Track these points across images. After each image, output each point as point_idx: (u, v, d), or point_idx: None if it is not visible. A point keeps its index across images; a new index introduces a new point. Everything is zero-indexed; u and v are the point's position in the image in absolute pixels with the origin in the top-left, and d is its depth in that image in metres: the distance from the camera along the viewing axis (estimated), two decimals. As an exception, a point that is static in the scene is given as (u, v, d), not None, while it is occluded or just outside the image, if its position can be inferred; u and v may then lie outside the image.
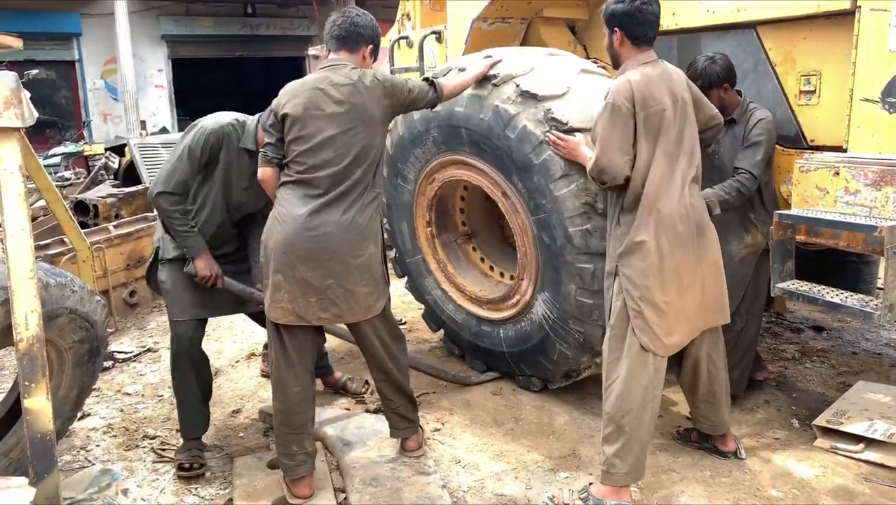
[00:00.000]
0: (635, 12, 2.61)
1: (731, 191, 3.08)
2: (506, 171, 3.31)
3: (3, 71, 2.00)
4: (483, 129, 3.31)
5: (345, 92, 2.60)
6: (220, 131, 2.92)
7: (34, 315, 2.03)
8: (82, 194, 8.46)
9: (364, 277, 2.65)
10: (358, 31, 2.73)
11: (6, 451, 2.66)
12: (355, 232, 2.61)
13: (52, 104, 14.92)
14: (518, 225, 3.37)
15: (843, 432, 3.08)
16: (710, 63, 3.18)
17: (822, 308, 4.23)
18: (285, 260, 2.57)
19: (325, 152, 2.58)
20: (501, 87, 3.23)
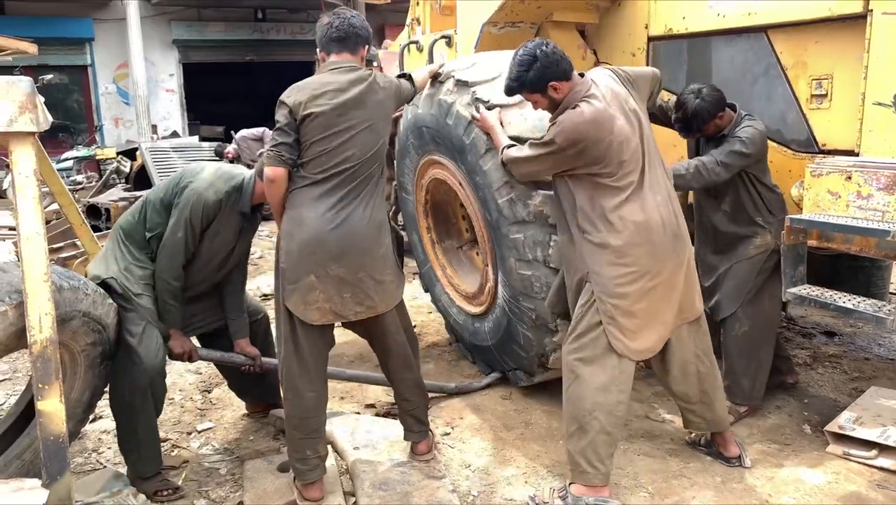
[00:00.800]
0: (552, 56, 2.63)
1: (690, 168, 3.09)
2: (454, 157, 3.50)
3: (19, 76, 2.02)
4: (434, 124, 3.55)
5: (364, 92, 2.65)
6: (218, 203, 2.88)
7: (48, 318, 2.04)
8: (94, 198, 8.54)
9: (388, 267, 2.73)
10: (356, 31, 2.74)
11: (19, 452, 2.67)
12: (375, 225, 2.68)
13: (64, 108, 15.05)
14: (474, 212, 3.49)
15: (855, 438, 3.06)
16: (699, 102, 3.13)
17: (834, 313, 4.21)
18: (316, 260, 2.58)
19: (348, 151, 2.62)
20: (445, 83, 3.47)
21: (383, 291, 2.71)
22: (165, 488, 2.83)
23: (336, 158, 2.60)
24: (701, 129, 3.21)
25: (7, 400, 3.84)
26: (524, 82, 2.67)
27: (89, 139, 14.01)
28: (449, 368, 4.10)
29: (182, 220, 2.85)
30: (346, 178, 2.62)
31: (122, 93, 15.78)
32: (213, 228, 2.94)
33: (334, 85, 2.62)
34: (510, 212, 3.15)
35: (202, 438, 3.37)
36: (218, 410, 3.65)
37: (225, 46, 16.75)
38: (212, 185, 2.88)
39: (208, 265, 3.02)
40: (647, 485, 2.88)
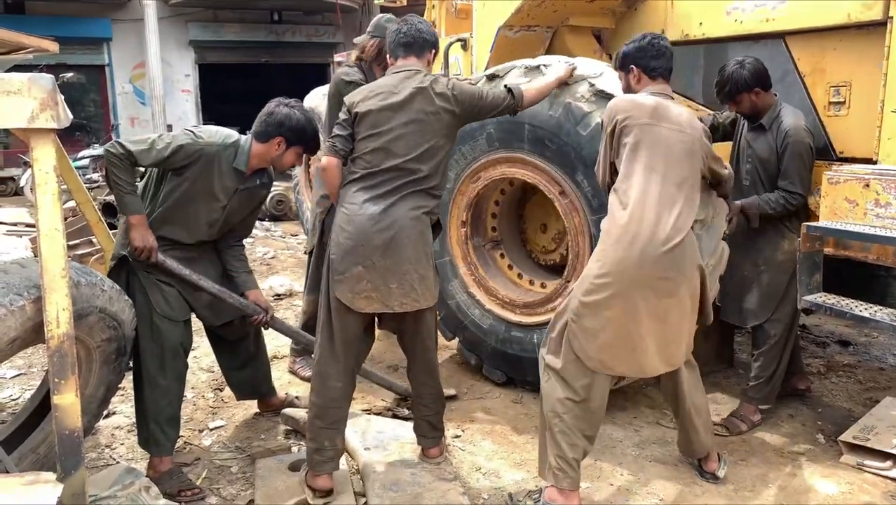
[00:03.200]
0: (648, 47, 2.74)
1: (776, 206, 3.11)
2: (571, 168, 3.30)
3: (41, 74, 2.04)
4: (551, 126, 3.31)
5: (414, 94, 2.71)
6: (211, 150, 2.87)
7: (65, 313, 2.06)
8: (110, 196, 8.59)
9: (431, 264, 2.77)
10: (423, 37, 2.84)
11: (34, 446, 2.70)
12: (420, 223, 2.72)
13: (81, 107, 15.20)
14: (574, 225, 3.36)
15: (870, 449, 3.03)
16: (738, 68, 3.16)
17: (848, 322, 4.17)
18: (363, 252, 2.66)
19: (392, 150, 2.70)
20: (573, 86, 3.25)
21: (427, 285, 2.74)
22: (188, 489, 2.84)
23: (381, 156, 2.70)
24: (733, 97, 3.19)
25: (22, 395, 3.88)
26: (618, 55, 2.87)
27: (105, 138, 14.13)
28: (459, 370, 4.10)
29: (169, 135, 2.87)
30: (391, 176, 2.69)
31: (138, 93, 15.92)
32: (197, 170, 2.88)
33: (387, 87, 2.75)
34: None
35: (214, 435, 3.39)
36: (230, 408, 3.67)
37: (241, 48, 16.86)
38: (207, 135, 2.91)
39: (195, 215, 2.97)
40: (658, 492, 2.87)
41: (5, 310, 2.17)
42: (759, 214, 3.14)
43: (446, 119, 2.74)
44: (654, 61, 2.73)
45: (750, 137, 3.28)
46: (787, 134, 3.10)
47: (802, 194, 3.11)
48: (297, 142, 3.00)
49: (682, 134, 2.59)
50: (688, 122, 2.63)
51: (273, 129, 2.96)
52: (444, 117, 2.73)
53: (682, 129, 2.59)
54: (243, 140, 3.01)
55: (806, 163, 3.11)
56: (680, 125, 2.60)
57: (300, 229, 8.07)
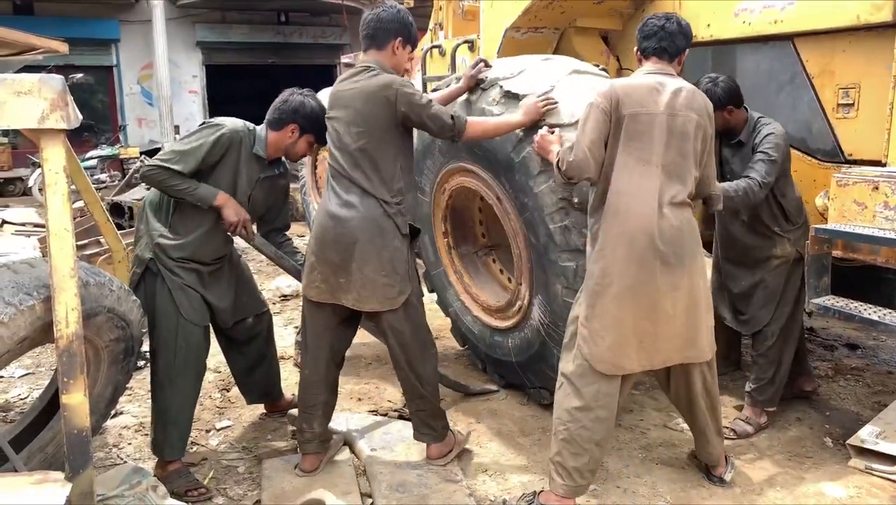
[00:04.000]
0: (642, 27, 2.72)
1: (739, 190, 3.01)
2: (495, 172, 3.32)
3: (51, 75, 2.05)
4: None
5: (350, 95, 2.76)
6: (236, 134, 2.90)
7: (74, 313, 2.07)
8: (118, 196, 8.64)
9: (386, 269, 2.74)
10: (384, 26, 2.80)
11: (42, 446, 2.71)
12: (374, 224, 2.72)
13: (89, 108, 15.26)
14: (511, 228, 3.36)
15: (878, 453, 3.01)
16: (711, 86, 3.14)
17: (856, 325, 4.15)
18: (318, 243, 2.80)
19: (338, 151, 2.78)
20: (488, 90, 3.25)
21: (372, 289, 2.74)
22: (195, 488, 2.85)
23: (332, 157, 2.81)
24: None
25: (31, 394, 3.89)
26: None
27: (113, 139, 14.19)
28: (465, 372, 4.10)
29: (194, 136, 2.86)
30: (343, 177, 2.77)
31: (146, 93, 15.99)
32: (231, 165, 2.89)
33: (337, 88, 2.84)
34: (562, 239, 3.00)
35: (221, 435, 3.39)
36: (237, 408, 3.68)
37: (248, 49, 16.92)
38: (228, 123, 2.93)
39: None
40: (665, 494, 2.86)
41: (15, 309, 2.18)
42: (721, 197, 2.94)
43: (380, 119, 2.70)
44: (644, 41, 2.69)
45: (728, 154, 3.29)
46: (765, 137, 3.10)
47: (762, 186, 3.03)
48: (310, 129, 3.01)
49: (675, 118, 2.52)
50: (689, 102, 2.56)
51: (287, 116, 2.98)
52: (378, 117, 2.70)
53: (675, 114, 2.53)
54: (258, 128, 3.02)
55: (776, 158, 3.05)
56: (677, 109, 2.53)
57: (307, 230, 8.08)
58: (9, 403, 3.81)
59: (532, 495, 2.71)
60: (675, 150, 2.53)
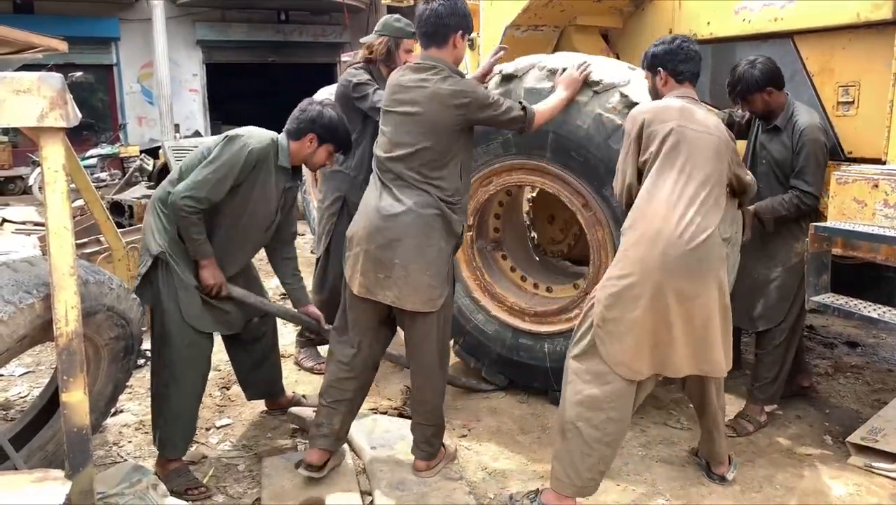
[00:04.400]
0: (678, 50, 2.71)
1: (790, 207, 3.07)
2: (598, 182, 3.17)
3: (50, 73, 2.05)
4: (578, 137, 3.16)
5: (417, 94, 2.70)
6: (264, 151, 2.87)
7: (74, 311, 2.07)
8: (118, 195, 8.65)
9: (430, 270, 2.70)
10: (444, 22, 2.73)
11: (42, 444, 2.71)
12: (422, 221, 2.68)
13: (89, 107, 15.26)
14: (597, 239, 3.27)
15: (878, 450, 3.02)
16: (748, 68, 3.14)
17: (856, 323, 4.15)
18: (363, 235, 2.74)
19: (393, 146, 2.73)
20: (603, 95, 3.10)
21: (414, 288, 2.69)
22: (195, 487, 2.85)
23: (387, 149, 2.76)
24: (745, 98, 3.17)
25: (31, 392, 3.90)
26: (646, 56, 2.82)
27: (113, 137, 14.19)
28: (464, 369, 4.09)
29: (222, 160, 2.81)
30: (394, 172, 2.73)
31: (146, 92, 15.98)
32: (255, 182, 2.88)
33: (399, 82, 2.77)
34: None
35: (221, 434, 3.40)
36: (237, 406, 3.68)
37: (248, 47, 16.91)
38: (254, 137, 2.89)
39: (252, 222, 2.98)
40: (665, 492, 2.86)
41: (15, 308, 2.19)
42: (773, 218, 3.11)
43: (444, 119, 2.67)
44: (682, 65, 2.70)
45: (764, 139, 3.26)
46: (802, 133, 3.08)
47: (816, 195, 3.07)
48: (329, 139, 3.00)
49: (708, 136, 2.56)
50: (714, 126, 2.60)
51: (306, 125, 2.96)
52: (441, 117, 2.67)
53: (708, 132, 2.56)
54: (281, 138, 3.00)
55: (820, 162, 3.08)
56: (707, 127, 2.57)
57: (307, 228, 8.09)
58: (9, 401, 3.81)
59: (535, 493, 2.70)
60: (706, 163, 2.53)
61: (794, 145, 3.11)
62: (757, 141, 3.30)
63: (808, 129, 3.07)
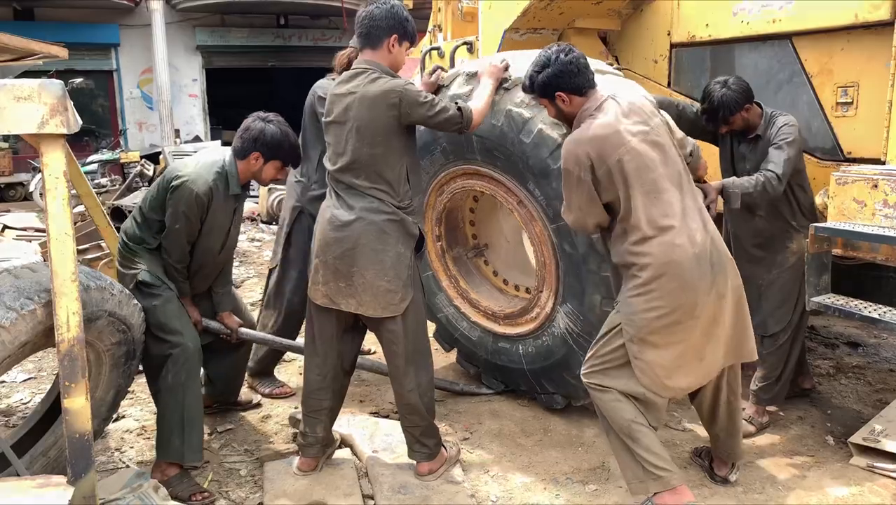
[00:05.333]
0: (565, 68, 2.56)
1: (757, 185, 2.98)
2: (521, 178, 3.20)
3: (50, 80, 2.06)
4: (496, 136, 3.18)
5: (349, 101, 2.71)
6: (209, 191, 2.93)
7: (75, 317, 2.07)
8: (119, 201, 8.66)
9: (388, 275, 2.71)
10: (377, 24, 2.73)
11: (45, 450, 2.72)
12: (376, 228, 2.69)
13: (90, 112, 15.29)
14: (536, 234, 3.28)
15: (880, 451, 3.01)
16: (725, 91, 3.10)
17: (857, 323, 4.15)
18: (321, 247, 2.78)
19: (338, 157, 2.75)
20: (513, 91, 3.10)
21: (374, 294, 2.71)
22: (198, 492, 2.85)
23: (331, 160, 2.80)
24: (727, 121, 3.15)
25: (33, 398, 3.90)
26: (534, 84, 2.65)
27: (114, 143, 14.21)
28: (464, 374, 4.09)
29: (179, 212, 2.93)
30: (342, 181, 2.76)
31: (146, 97, 16.01)
32: (210, 216, 3.00)
33: (336, 90, 2.78)
34: (605, 249, 2.80)
35: (223, 438, 3.39)
36: (238, 411, 3.68)
37: (247, 52, 16.94)
38: (199, 176, 2.94)
39: (211, 252, 3.11)
40: (666, 494, 2.86)
41: (16, 314, 2.19)
42: (739, 194, 3.00)
43: (380, 124, 2.65)
44: (577, 79, 2.56)
45: (745, 150, 3.25)
46: (781, 127, 3.09)
47: (781, 179, 3.01)
48: (273, 156, 3.04)
49: (652, 131, 2.49)
50: (649, 112, 2.55)
51: (249, 145, 3.01)
52: (377, 122, 2.65)
53: (649, 132, 2.49)
54: (227, 162, 3.02)
55: (791, 156, 3.04)
56: (644, 122, 2.50)
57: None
58: (11, 407, 3.81)
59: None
60: (670, 163, 2.50)
61: (771, 140, 3.10)
62: (735, 152, 3.30)
63: (788, 124, 3.09)
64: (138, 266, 3.01)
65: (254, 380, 3.92)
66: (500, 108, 3.14)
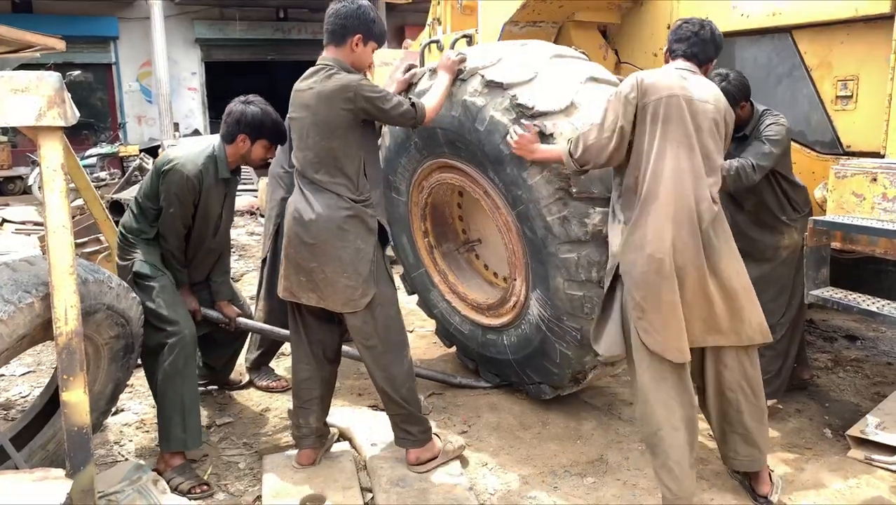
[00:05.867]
0: (676, 29, 2.74)
1: (731, 170, 3.00)
2: (482, 166, 3.23)
3: (48, 72, 2.05)
4: (455, 127, 3.21)
5: (307, 97, 2.74)
6: (199, 174, 3.00)
7: (73, 310, 2.08)
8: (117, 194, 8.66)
9: (348, 270, 2.71)
10: (342, 22, 2.76)
11: (43, 443, 2.72)
12: (334, 224, 2.70)
13: (88, 106, 15.26)
14: (502, 222, 3.29)
15: (877, 443, 3.02)
16: (725, 84, 3.09)
17: (856, 317, 4.15)
18: (286, 242, 2.81)
19: (300, 151, 2.77)
20: (468, 81, 3.15)
21: (333, 290, 2.72)
22: (198, 485, 2.86)
23: (295, 156, 2.81)
24: None
25: (32, 392, 3.90)
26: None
27: (112, 136, 14.21)
28: (462, 367, 4.10)
29: (172, 195, 3.00)
30: (304, 177, 2.78)
31: (145, 91, 15.98)
32: (203, 200, 3.06)
33: (296, 87, 2.82)
34: (562, 230, 2.93)
35: (221, 432, 3.40)
36: (237, 404, 3.68)
37: (247, 45, 16.90)
38: (189, 160, 3.01)
39: (205, 235, 3.18)
40: (664, 486, 2.86)
41: (14, 307, 2.19)
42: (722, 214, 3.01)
43: (334, 119, 2.67)
44: (675, 44, 2.72)
45: (732, 148, 3.24)
46: (769, 125, 3.09)
47: (756, 169, 3.02)
48: (259, 135, 3.10)
49: (707, 106, 2.54)
50: (714, 97, 2.59)
51: (233, 128, 3.08)
52: (332, 118, 2.67)
53: (708, 102, 2.55)
54: (216, 147, 3.09)
55: (773, 149, 3.04)
56: (705, 99, 2.55)
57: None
58: (10, 401, 3.82)
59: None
60: (707, 134, 2.53)
61: (757, 136, 3.11)
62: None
63: (774, 125, 3.09)
64: (135, 257, 3.06)
65: (251, 372, 3.92)
66: (458, 100, 3.18)
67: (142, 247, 3.08)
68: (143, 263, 3.04)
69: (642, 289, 2.46)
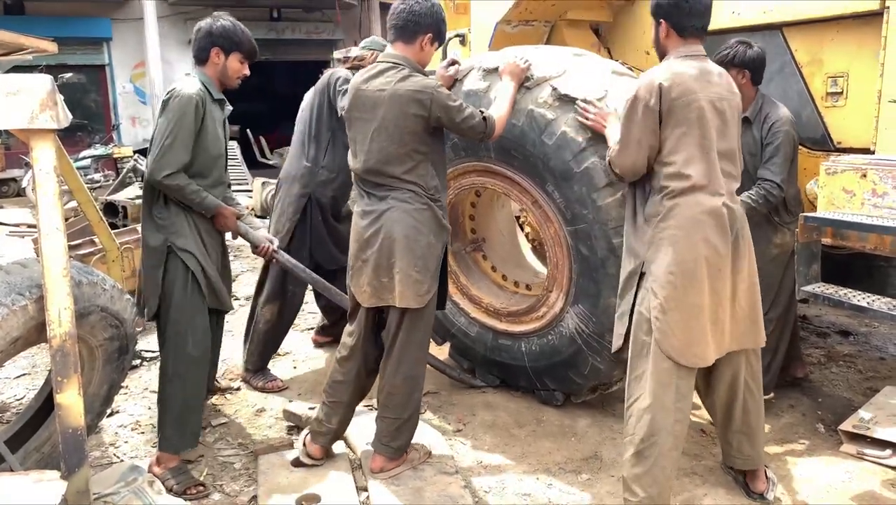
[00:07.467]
0: (682, 2, 2.45)
1: (759, 199, 3.07)
2: (540, 179, 3.15)
3: (40, 74, 2.06)
4: (515, 136, 3.11)
5: (378, 98, 2.67)
6: (200, 92, 2.88)
7: (67, 312, 2.08)
8: (112, 196, 8.64)
9: (417, 264, 2.70)
10: (415, 19, 2.69)
11: (39, 445, 2.72)
12: (408, 216, 2.69)
13: (82, 107, 15.19)
14: (550, 236, 3.25)
15: (870, 438, 3.04)
16: (742, 45, 3.12)
17: (848, 312, 4.18)
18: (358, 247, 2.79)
19: (365, 154, 2.73)
20: (534, 90, 3.06)
21: (407, 284, 2.69)
22: (193, 485, 2.86)
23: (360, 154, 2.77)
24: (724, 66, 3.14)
25: (26, 394, 3.90)
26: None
27: (106, 138, 14.16)
28: (461, 365, 4.11)
29: (175, 118, 2.80)
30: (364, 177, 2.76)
31: (139, 92, 15.93)
32: (208, 121, 2.92)
33: (359, 85, 2.74)
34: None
35: (217, 432, 3.40)
36: (233, 405, 3.69)
37: (241, 46, 16.84)
38: (186, 84, 2.89)
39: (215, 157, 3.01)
40: (659, 483, 2.87)
41: (7, 310, 2.19)
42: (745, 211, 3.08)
43: (404, 123, 2.63)
44: (686, 19, 2.46)
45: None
46: (773, 124, 3.11)
47: (781, 186, 3.07)
48: (232, 46, 2.99)
49: (725, 103, 2.47)
50: (728, 88, 2.51)
51: (206, 43, 2.97)
52: (402, 121, 2.63)
53: (724, 98, 2.46)
54: (198, 74, 2.99)
55: (789, 155, 3.09)
56: (724, 93, 2.47)
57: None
58: (5, 403, 3.82)
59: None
60: (728, 134, 2.49)
61: (764, 137, 3.12)
62: None
63: (780, 121, 3.10)
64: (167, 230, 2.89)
65: (247, 374, 3.92)
66: (521, 108, 3.08)
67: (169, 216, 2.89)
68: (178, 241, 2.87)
69: (666, 289, 2.40)
